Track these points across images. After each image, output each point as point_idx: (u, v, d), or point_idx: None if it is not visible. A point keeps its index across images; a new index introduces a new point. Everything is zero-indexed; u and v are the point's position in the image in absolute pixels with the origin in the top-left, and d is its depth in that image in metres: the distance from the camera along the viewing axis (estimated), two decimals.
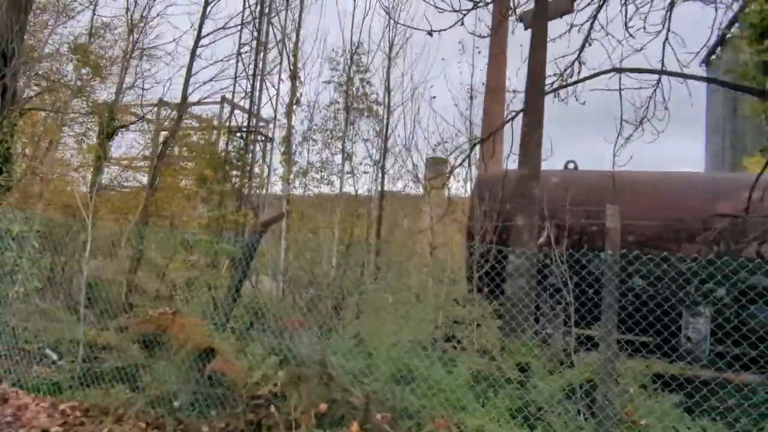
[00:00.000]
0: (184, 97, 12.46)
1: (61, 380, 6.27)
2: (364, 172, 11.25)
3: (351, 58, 12.53)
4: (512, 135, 8.66)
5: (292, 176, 9.16)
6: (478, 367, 4.98)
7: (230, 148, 15.23)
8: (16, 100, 9.27)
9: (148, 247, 8.63)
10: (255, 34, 15.84)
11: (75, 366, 6.27)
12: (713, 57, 30.43)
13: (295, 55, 10.38)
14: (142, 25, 12.35)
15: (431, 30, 6.76)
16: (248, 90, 15.68)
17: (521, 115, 6.69)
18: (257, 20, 15.70)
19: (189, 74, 12.68)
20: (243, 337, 5.19)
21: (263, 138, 15.51)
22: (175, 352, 5.28)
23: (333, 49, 12.49)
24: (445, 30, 6.64)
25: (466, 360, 5.19)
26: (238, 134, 15.48)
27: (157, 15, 12.42)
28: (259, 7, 15.81)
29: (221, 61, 13.42)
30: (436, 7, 6.35)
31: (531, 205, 5.68)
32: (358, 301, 5.70)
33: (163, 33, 19.21)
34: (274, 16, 15.58)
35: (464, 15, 6.35)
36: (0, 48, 8.91)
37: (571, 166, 10.08)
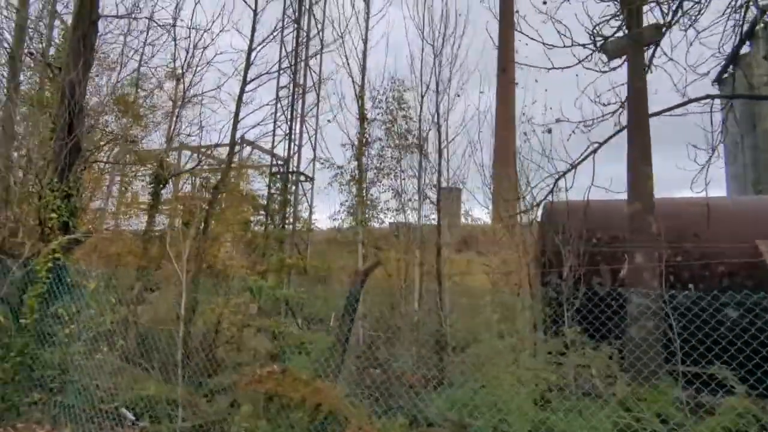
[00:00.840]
0: (233, 142, 12.38)
1: None
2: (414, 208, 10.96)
3: (392, 96, 12.38)
4: (593, 167, 8.40)
5: (364, 217, 8.88)
6: (619, 419, 4.59)
7: (272, 190, 15.12)
8: (81, 154, 9.19)
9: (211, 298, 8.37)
10: (292, 77, 15.93)
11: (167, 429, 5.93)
12: (725, 75, 30.37)
13: (361, 97, 10.23)
14: (190, 74, 12.38)
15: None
16: (287, 132, 15.68)
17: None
18: (294, 65, 15.81)
19: (236, 119, 12.65)
20: (359, 394, 4.84)
21: (306, 179, 15.37)
22: (293, 414, 4.94)
23: (374, 87, 12.33)
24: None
25: (601, 412, 4.80)
26: (278, 176, 15.39)
27: (207, 63, 12.43)
28: (294, 52, 15.94)
29: (267, 105, 13.40)
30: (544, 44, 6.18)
31: (649, 242, 5.35)
32: (466, 349, 5.33)
33: (207, 79, 19.33)
34: (312, 57, 15.70)
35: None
36: (69, 107, 8.88)
37: None
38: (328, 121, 13.01)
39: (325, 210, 35.64)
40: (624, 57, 6.57)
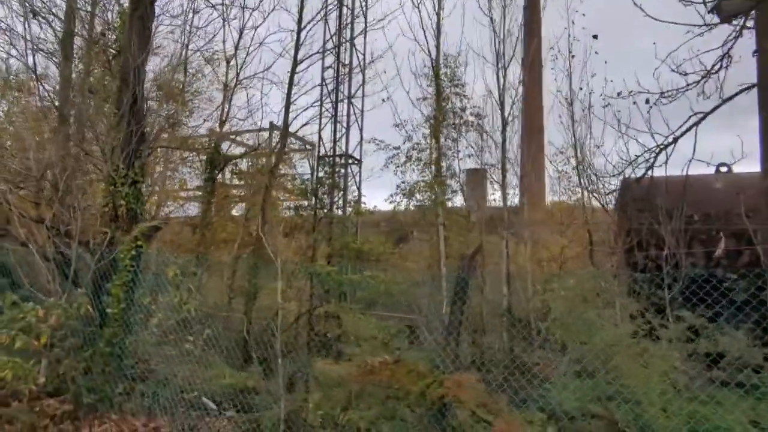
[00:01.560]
0: (286, 124, 12.04)
1: None
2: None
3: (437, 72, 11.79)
4: (695, 139, 7.84)
5: (444, 197, 8.43)
6: None
7: (321, 174, 14.77)
8: (146, 140, 8.93)
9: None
10: (336, 57, 15.47)
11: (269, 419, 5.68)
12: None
13: (437, 73, 9.69)
14: (242, 54, 12.01)
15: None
16: (332, 114, 15.27)
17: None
18: (338, 45, 15.33)
19: (288, 101, 12.28)
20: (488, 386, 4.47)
21: (353, 161, 14.98)
22: (410, 405, 4.61)
23: (424, 64, 11.79)
24: None
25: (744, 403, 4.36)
26: (325, 159, 15.02)
27: (259, 44, 12.04)
28: (338, 31, 15.47)
29: (313, 88, 12.94)
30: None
31: None
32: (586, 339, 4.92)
33: (254, 62, 18.87)
34: (357, 36, 15.20)
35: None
36: (132, 91, 8.60)
37: (724, 169, 9.15)
38: (383, 100, 12.54)
39: (377, 194, 35.06)
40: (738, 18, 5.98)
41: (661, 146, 6.67)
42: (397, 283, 8.51)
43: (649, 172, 6.81)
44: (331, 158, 14.85)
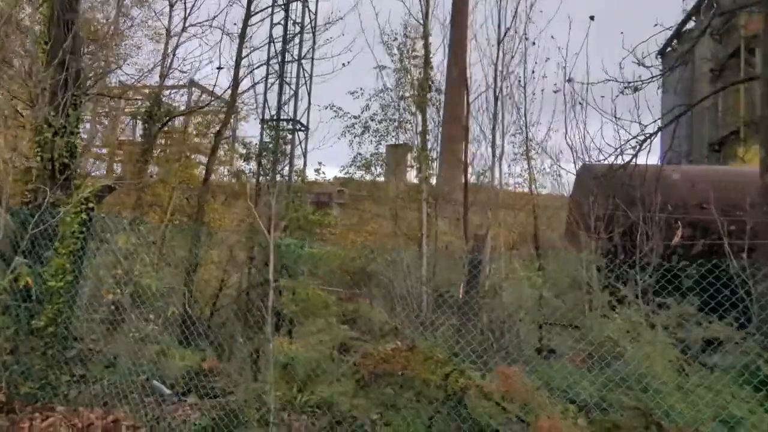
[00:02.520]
0: (236, 82, 10.94)
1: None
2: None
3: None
4: (674, 130, 7.99)
5: (429, 172, 7.91)
6: None
7: (265, 138, 13.71)
8: (80, 84, 7.58)
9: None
10: (286, 13, 14.29)
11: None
12: (668, 50, 31.25)
13: (426, 35, 8.92)
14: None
15: None
16: (278, 75, 14.17)
17: None
18: (288, 2, 14.16)
19: (240, 56, 11.13)
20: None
21: (301, 127, 14.07)
22: (421, 396, 4.21)
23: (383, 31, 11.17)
24: None
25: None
26: (269, 123, 13.96)
27: None
28: None
29: (266, 43, 11.85)
30: None
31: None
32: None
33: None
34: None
35: None
36: (63, 28, 7.23)
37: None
38: (343, 64, 11.77)
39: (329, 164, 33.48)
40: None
41: (647, 135, 6.67)
42: (367, 259, 8.04)
43: (634, 159, 6.79)
44: (276, 122, 13.85)
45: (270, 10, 13.16)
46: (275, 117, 14.06)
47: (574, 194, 9.86)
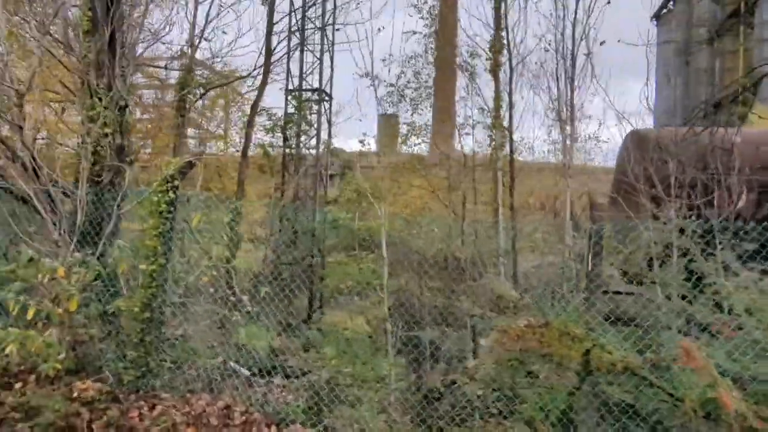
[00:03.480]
0: (269, 49, 10.38)
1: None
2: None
3: None
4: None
5: (502, 140, 7.55)
6: None
7: (290, 109, 13.17)
8: (126, 54, 7.04)
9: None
10: None
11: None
12: (664, 11, 30.75)
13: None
14: None
15: None
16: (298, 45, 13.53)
17: None
18: None
19: (271, 23, 10.54)
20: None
21: (326, 97, 13.53)
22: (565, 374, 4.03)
23: None
24: None
25: None
26: (294, 94, 13.39)
27: None
28: None
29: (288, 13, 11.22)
30: None
31: None
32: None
33: None
34: None
35: None
36: None
37: None
38: (378, 30, 11.28)
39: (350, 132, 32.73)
40: None
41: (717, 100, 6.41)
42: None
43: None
44: (301, 92, 13.29)
45: None
46: (299, 87, 13.52)
47: (625, 159, 9.65)
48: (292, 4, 13.32)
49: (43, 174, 5.12)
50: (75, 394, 4.46)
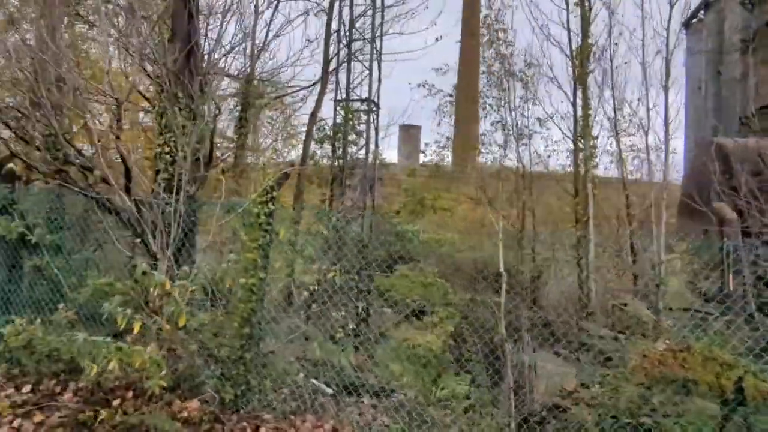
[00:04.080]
0: (327, 57, 10.22)
1: None
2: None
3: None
4: None
5: (592, 150, 7.24)
6: None
7: (338, 120, 13.02)
8: (205, 61, 6.94)
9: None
10: None
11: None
12: (694, 20, 30.06)
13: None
14: None
15: None
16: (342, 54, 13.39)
17: None
18: None
19: (329, 32, 10.40)
20: None
21: (375, 108, 13.35)
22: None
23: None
24: None
25: None
26: (343, 104, 13.24)
27: None
28: None
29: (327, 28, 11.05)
30: None
31: None
32: None
33: None
34: None
35: None
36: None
37: None
38: (437, 39, 11.09)
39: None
40: None
41: None
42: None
43: None
44: (350, 102, 13.12)
45: None
46: (347, 97, 13.37)
47: (700, 170, 9.25)
48: (341, 12, 13.24)
49: (144, 183, 4.97)
50: (177, 414, 4.26)
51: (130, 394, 4.56)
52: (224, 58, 7.62)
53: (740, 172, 7.38)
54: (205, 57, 7.08)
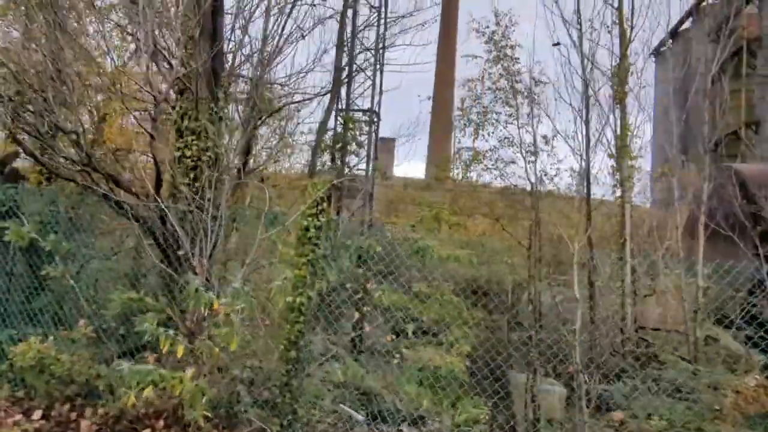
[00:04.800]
0: (339, 66, 9.87)
1: None
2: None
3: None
4: None
5: (632, 169, 7.06)
6: None
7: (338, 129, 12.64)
8: (227, 60, 6.49)
9: None
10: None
11: None
12: (662, 48, 31.17)
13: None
14: None
15: None
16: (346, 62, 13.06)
17: None
18: None
19: (342, 41, 10.06)
20: None
21: (376, 118, 13.04)
22: None
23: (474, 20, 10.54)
24: None
25: None
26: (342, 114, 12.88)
27: None
28: None
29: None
30: None
31: None
32: None
33: None
34: None
35: None
36: None
37: None
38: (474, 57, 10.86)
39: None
40: None
41: None
42: None
43: None
44: (352, 113, 12.77)
45: None
46: (348, 107, 13.02)
47: (714, 196, 9.29)
48: (344, 22, 12.91)
49: (188, 192, 4.50)
50: None
51: (161, 423, 4.07)
52: (246, 60, 7.09)
53: (761, 197, 7.40)
54: (229, 58, 6.63)
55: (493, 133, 10.59)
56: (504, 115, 10.55)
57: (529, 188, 10.01)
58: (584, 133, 10.36)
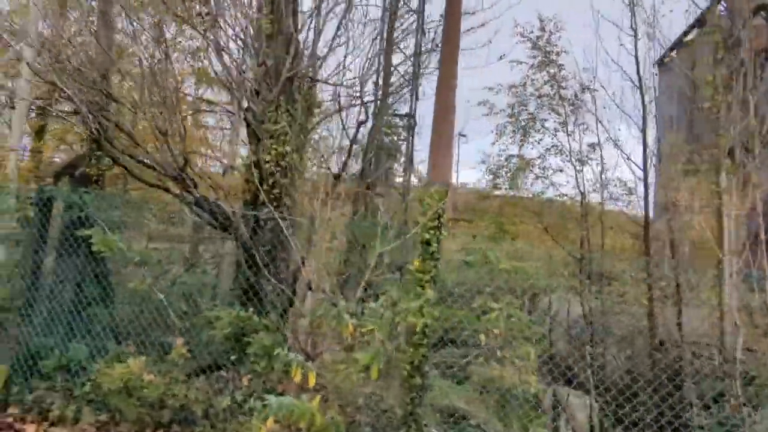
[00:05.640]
0: (388, 71, 9.50)
1: None
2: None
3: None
4: None
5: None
6: None
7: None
8: (302, 64, 6.09)
9: None
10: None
11: None
12: (667, 58, 31.11)
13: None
14: None
15: None
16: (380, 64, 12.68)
17: None
18: None
19: (390, 45, 9.68)
20: None
21: (412, 122, 12.64)
22: None
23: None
24: None
25: None
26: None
27: None
28: None
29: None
30: None
31: None
32: None
33: None
34: None
35: None
36: None
37: None
38: (500, 57, 10.60)
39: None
40: None
41: None
42: None
43: None
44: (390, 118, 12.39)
45: None
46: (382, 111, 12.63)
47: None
48: (384, 25, 12.52)
49: (289, 201, 4.10)
50: None
51: None
52: (320, 64, 6.70)
53: None
54: (304, 59, 6.25)
55: (541, 140, 10.20)
56: (552, 121, 10.13)
57: (579, 198, 9.70)
58: (642, 141, 10.05)
